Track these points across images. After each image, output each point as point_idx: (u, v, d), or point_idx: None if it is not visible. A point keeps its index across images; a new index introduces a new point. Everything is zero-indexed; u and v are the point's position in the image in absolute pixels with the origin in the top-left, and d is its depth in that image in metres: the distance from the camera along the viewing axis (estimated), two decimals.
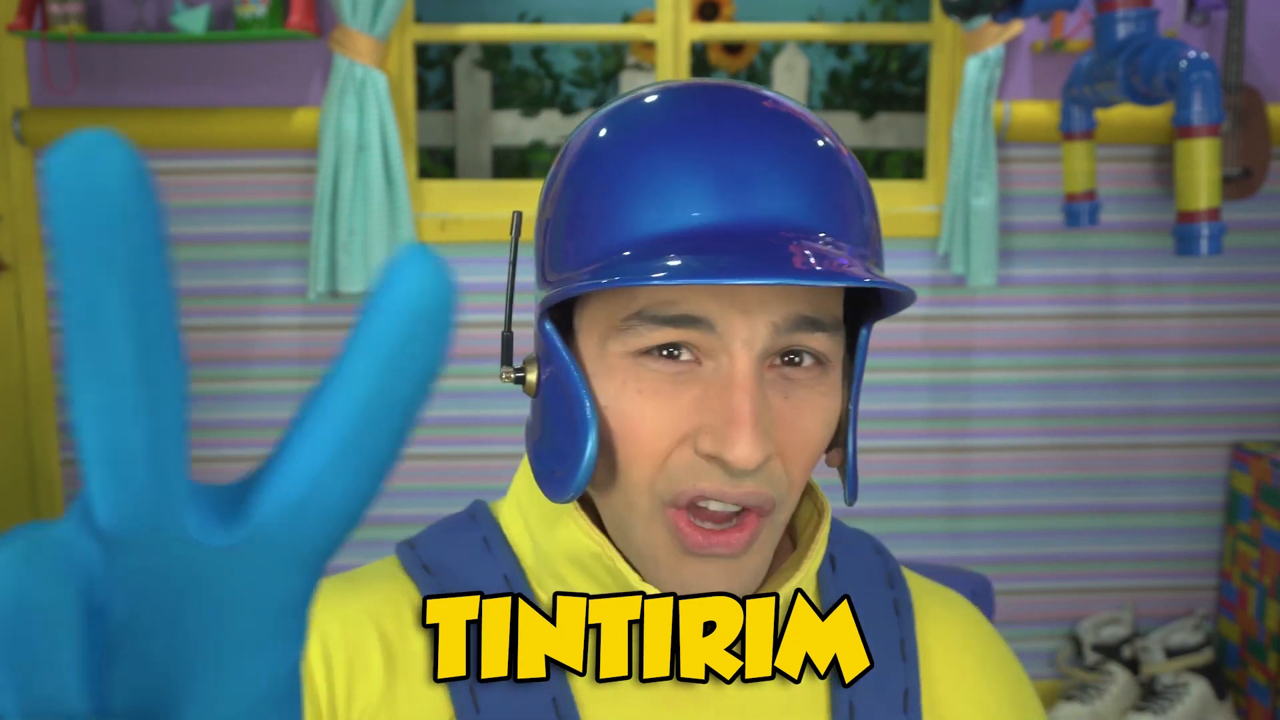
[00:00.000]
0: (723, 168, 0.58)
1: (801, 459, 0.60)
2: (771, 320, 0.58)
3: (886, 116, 3.81)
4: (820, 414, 0.61)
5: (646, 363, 0.59)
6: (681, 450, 0.59)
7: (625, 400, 0.60)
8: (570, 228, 0.62)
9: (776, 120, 0.61)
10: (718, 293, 0.58)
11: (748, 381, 0.57)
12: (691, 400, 0.59)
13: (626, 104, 0.64)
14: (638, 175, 0.59)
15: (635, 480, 0.60)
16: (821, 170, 0.60)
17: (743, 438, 0.56)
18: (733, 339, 0.58)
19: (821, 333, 0.59)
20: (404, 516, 2.73)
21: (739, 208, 0.58)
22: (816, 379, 0.61)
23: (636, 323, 0.59)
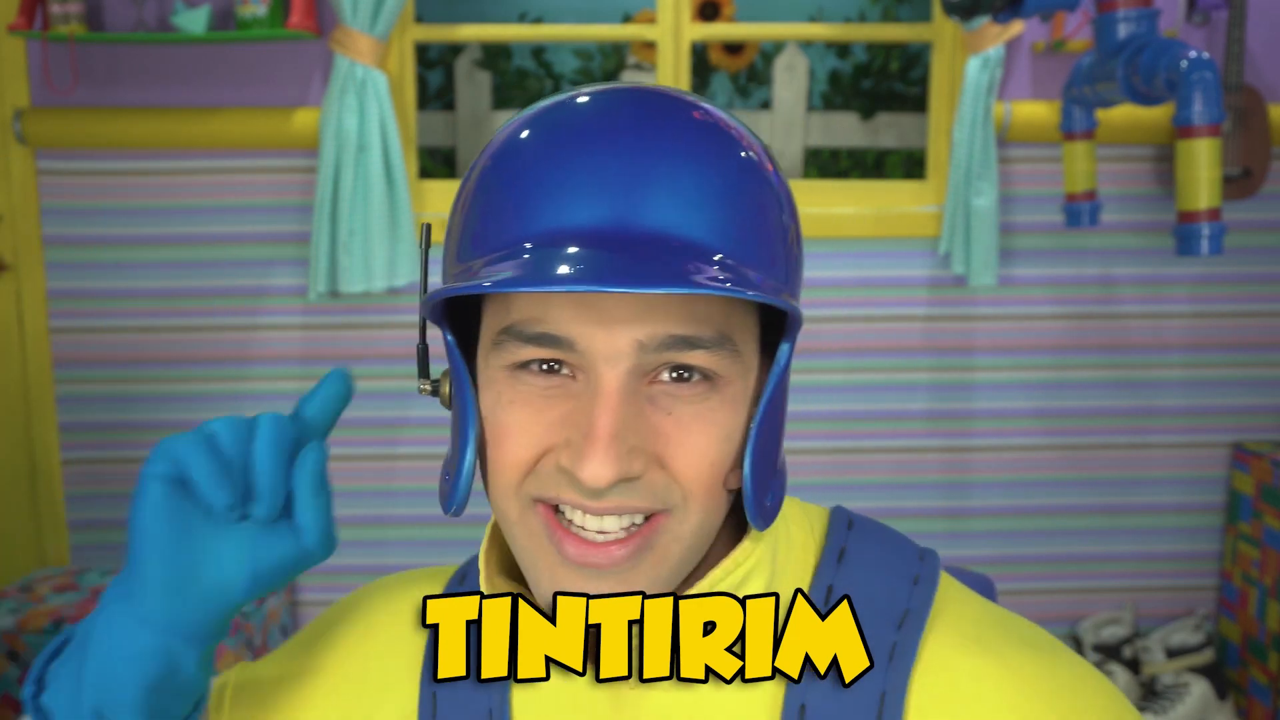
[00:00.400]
0: (620, 173, 0.57)
1: (692, 470, 0.59)
2: (635, 338, 0.57)
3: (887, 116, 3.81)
4: (709, 428, 0.59)
5: (522, 376, 0.59)
6: (546, 461, 0.59)
7: (500, 410, 0.60)
8: (468, 223, 0.61)
9: (695, 132, 0.59)
10: (582, 311, 0.57)
11: (609, 398, 0.57)
12: (560, 415, 0.59)
13: (551, 105, 0.62)
14: (540, 174, 0.58)
15: (502, 488, 0.61)
16: (730, 186, 0.58)
17: (594, 455, 0.56)
18: (595, 357, 0.57)
19: (700, 350, 0.58)
20: (404, 517, 2.73)
21: (627, 215, 0.56)
22: (704, 395, 0.59)
23: (506, 339, 0.59)
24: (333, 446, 2.71)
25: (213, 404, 2.68)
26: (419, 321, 0.65)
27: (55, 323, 2.65)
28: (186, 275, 2.64)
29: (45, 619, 2.32)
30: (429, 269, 2.65)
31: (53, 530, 2.72)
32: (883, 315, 2.69)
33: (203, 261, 2.64)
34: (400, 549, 2.74)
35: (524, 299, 0.58)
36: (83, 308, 2.64)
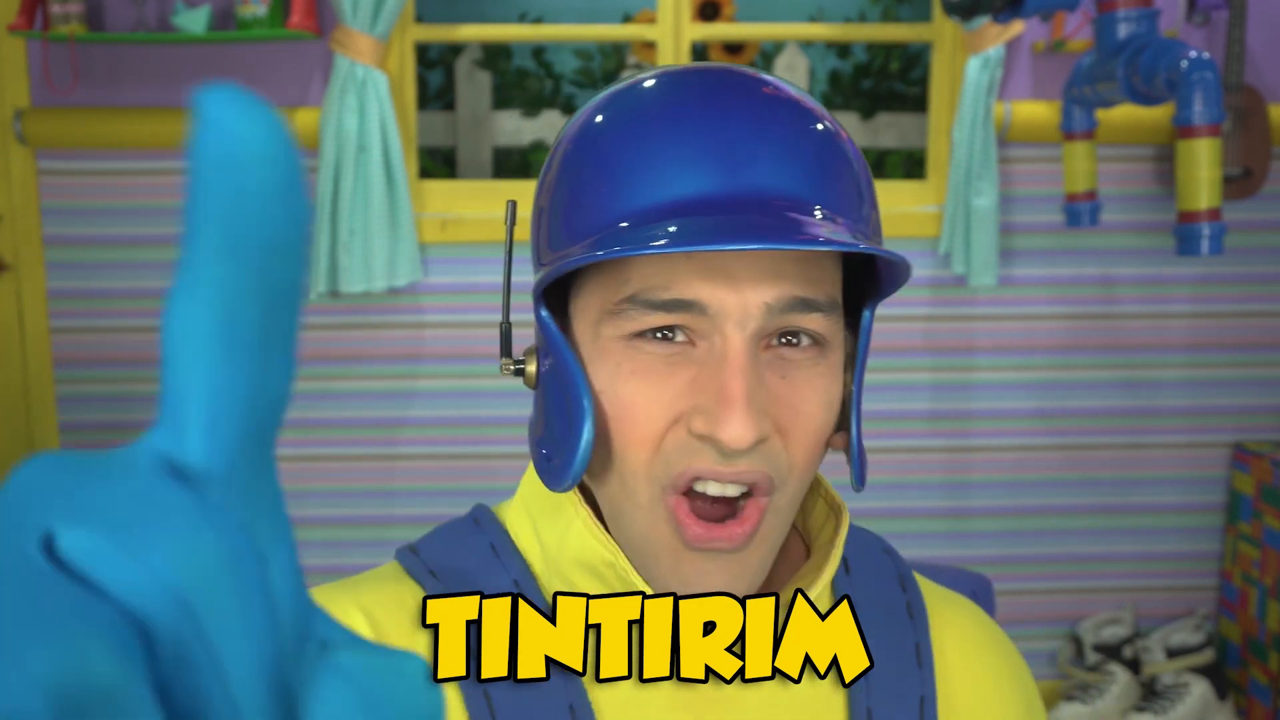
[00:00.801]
0: (716, 141, 0.58)
1: (803, 438, 0.59)
2: (763, 300, 0.57)
3: (887, 116, 3.81)
4: (819, 394, 0.60)
5: (641, 345, 0.59)
6: (676, 431, 0.59)
7: (620, 383, 0.59)
8: (564, 209, 0.61)
9: (775, 101, 0.60)
10: (709, 275, 0.57)
11: (740, 361, 0.57)
12: (685, 381, 0.58)
13: (623, 88, 0.63)
14: (630, 152, 0.59)
15: (632, 465, 0.60)
16: (819, 148, 0.59)
17: (734, 416, 0.55)
18: (725, 320, 0.57)
19: (817, 313, 0.59)
20: (404, 517, 2.73)
21: (733, 180, 0.57)
22: (815, 360, 0.60)
23: (629, 307, 0.58)
24: (333, 446, 2.71)
25: None
26: (503, 301, 0.66)
27: (55, 323, 2.65)
28: None
29: None
30: (428, 265, 2.64)
31: None
32: (883, 315, 2.69)
33: None
34: None
35: (645, 267, 0.58)
36: (83, 308, 2.65)
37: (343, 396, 2.69)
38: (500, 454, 2.71)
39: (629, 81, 0.64)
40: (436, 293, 2.66)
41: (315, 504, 2.72)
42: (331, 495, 2.72)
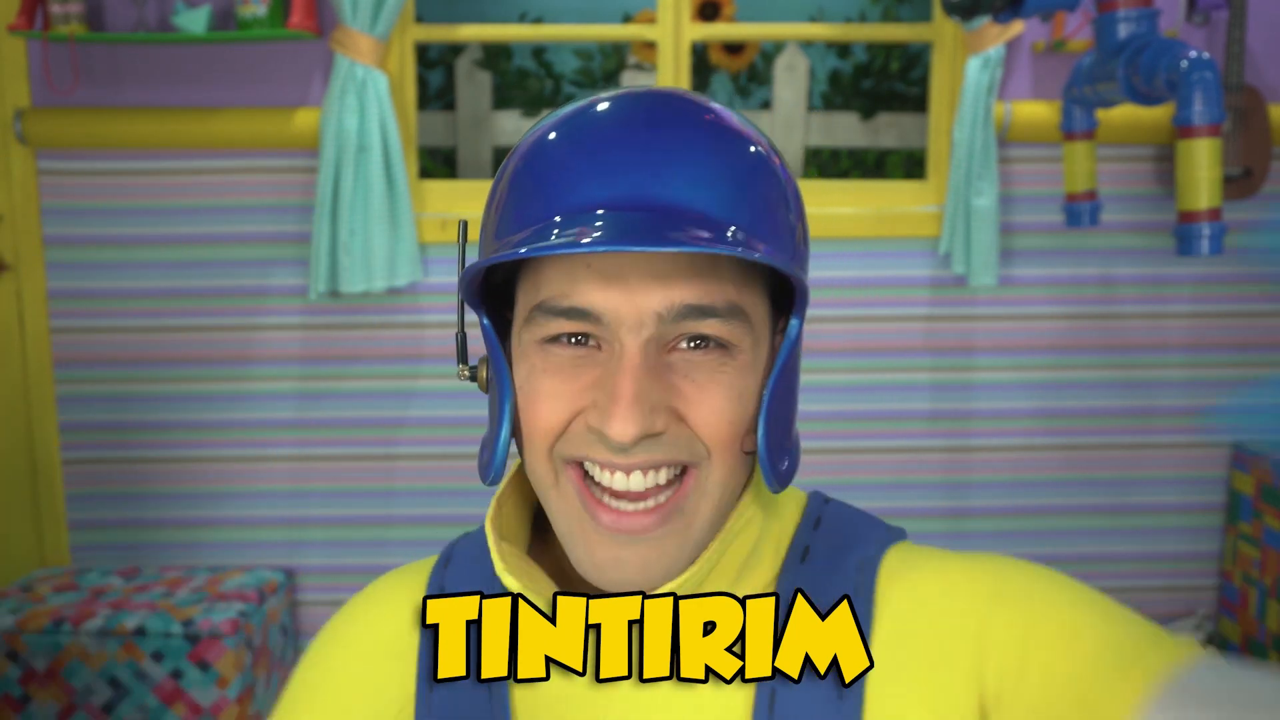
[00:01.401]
0: (638, 154, 0.62)
1: (710, 424, 0.63)
2: (654, 309, 0.61)
3: (887, 116, 3.81)
4: (725, 390, 0.64)
5: (553, 349, 0.64)
6: (576, 423, 0.64)
7: (533, 380, 0.64)
8: (499, 213, 0.66)
9: (710, 126, 0.64)
10: (604, 283, 0.61)
11: (631, 362, 0.61)
12: (589, 381, 0.63)
13: (574, 107, 0.67)
14: (560, 161, 0.63)
15: (537, 449, 0.65)
16: (741, 172, 0.63)
17: (617, 412, 0.60)
18: (619, 326, 0.62)
19: (713, 319, 0.63)
20: (404, 517, 2.73)
21: (643, 190, 0.61)
22: (719, 360, 0.64)
23: (538, 314, 0.64)
24: (332, 446, 2.71)
25: (213, 404, 2.68)
26: (457, 310, 0.73)
27: (55, 323, 2.65)
28: (186, 275, 2.64)
29: (45, 619, 2.32)
30: (428, 265, 2.64)
31: (53, 530, 2.72)
32: (883, 315, 2.69)
33: (203, 261, 2.64)
34: (400, 549, 2.74)
35: (553, 276, 0.63)
36: (83, 308, 2.64)
37: (343, 396, 2.69)
38: None
39: (581, 103, 0.67)
40: (436, 293, 2.66)
41: (315, 504, 2.72)
42: (331, 495, 2.72)
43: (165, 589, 2.48)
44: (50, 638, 2.30)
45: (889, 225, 2.65)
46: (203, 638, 2.30)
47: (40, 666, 2.32)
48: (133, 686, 2.32)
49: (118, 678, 2.31)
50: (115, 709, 2.33)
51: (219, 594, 2.45)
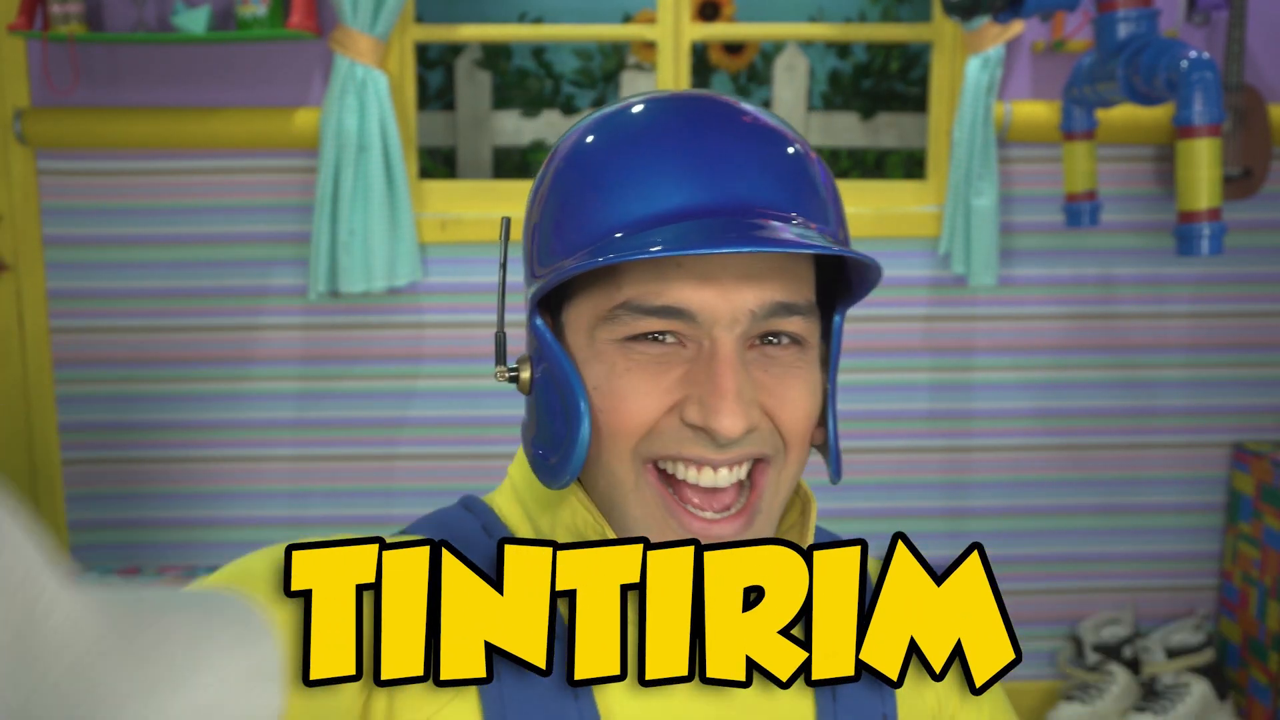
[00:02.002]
0: (699, 158, 0.62)
1: (793, 419, 0.64)
2: (749, 308, 0.62)
3: (887, 116, 3.81)
4: (803, 383, 0.65)
5: (634, 346, 0.63)
6: (668, 419, 0.62)
7: (614, 379, 0.63)
8: (556, 224, 0.65)
9: (753, 125, 0.65)
10: (698, 282, 0.61)
11: (730, 358, 0.61)
12: (678, 376, 0.62)
13: (612, 111, 0.68)
14: (619, 169, 0.63)
15: (619, 449, 0.63)
16: (793, 165, 0.65)
17: (726, 407, 0.59)
18: (714, 324, 0.62)
19: (797, 316, 0.64)
20: (404, 516, 2.72)
21: (715, 192, 0.61)
22: (796, 356, 0.65)
23: (622, 312, 0.62)
24: (332, 446, 2.71)
25: (213, 404, 2.68)
26: (498, 310, 0.70)
27: (55, 323, 2.65)
28: (186, 275, 2.64)
29: None
30: (428, 265, 2.64)
31: (53, 530, 2.72)
32: (883, 315, 2.69)
33: (203, 261, 2.64)
34: None
35: (640, 277, 0.62)
36: (83, 308, 2.64)
37: (343, 396, 2.68)
38: (500, 454, 2.70)
39: (617, 105, 0.68)
40: (436, 293, 2.66)
41: (315, 504, 2.72)
42: (331, 495, 2.72)
43: None
44: None
45: (889, 225, 2.65)
46: None
47: None
48: None
49: None
50: None
51: None
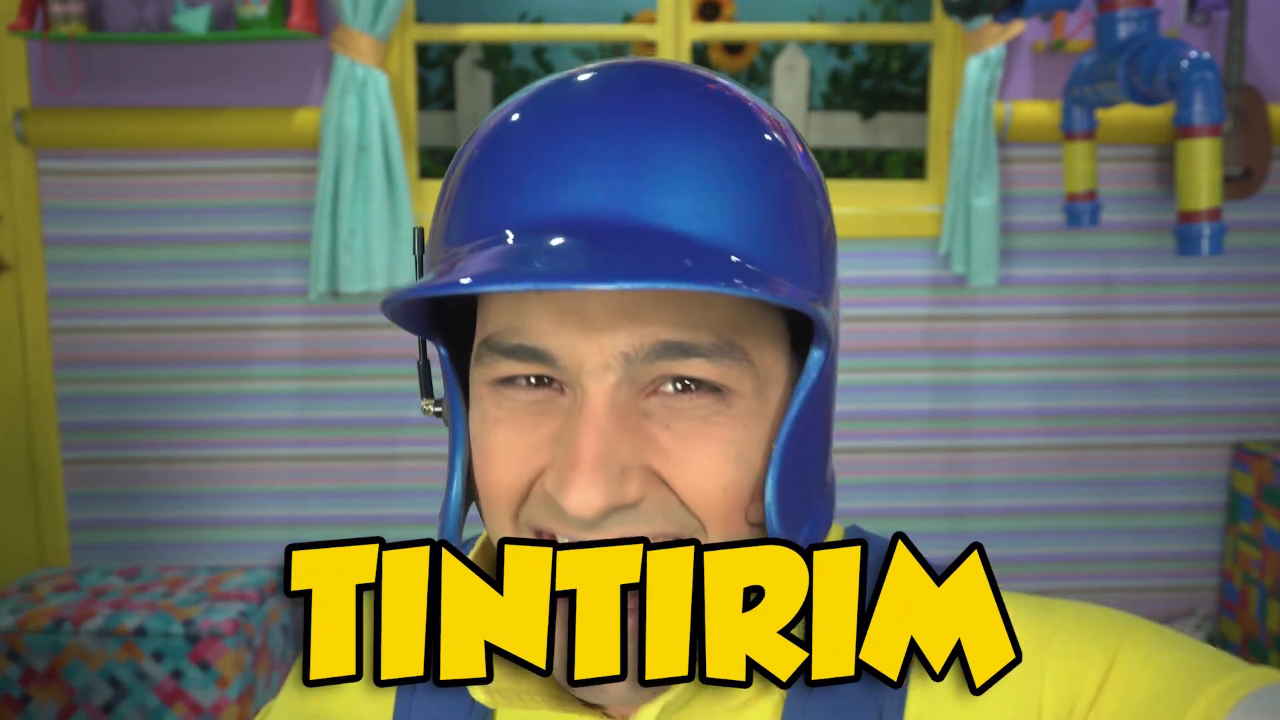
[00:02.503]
0: (617, 151, 0.49)
1: (702, 491, 0.51)
2: (619, 349, 0.49)
3: (887, 116, 3.81)
4: (715, 446, 0.51)
5: (507, 391, 0.52)
6: (538, 486, 0.52)
7: (486, 431, 0.52)
8: (442, 216, 0.54)
9: (711, 105, 0.51)
10: (560, 318, 0.49)
11: (596, 415, 0.49)
12: (549, 432, 0.51)
13: (548, 80, 0.55)
14: (516, 154, 0.51)
15: (498, 517, 0.53)
16: (750, 166, 0.50)
17: (577, 482, 0.48)
18: (578, 370, 0.50)
19: (699, 358, 0.50)
20: (404, 516, 2.73)
21: (619, 202, 0.48)
22: (709, 408, 0.51)
23: (485, 352, 0.52)
24: (333, 446, 2.71)
25: (213, 404, 2.68)
26: (419, 336, 0.57)
27: (55, 323, 2.65)
28: (187, 275, 2.64)
29: (45, 619, 2.32)
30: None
31: (53, 530, 2.71)
32: (883, 315, 2.69)
33: (203, 261, 2.64)
34: None
35: (500, 307, 0.51)
36: (83, 308, 2.64)
37: (343, 396, 2.68)
38: None
39: (558, 76, 0.55)
40: None
41: (315, 504, 2.72)
42: (331, 495, 2.72)
43: (165, 589, 2.48)
44: (50, 638, 2.30)
45: (889, 225, 2.65)
46: (203, 638, 2.30)
47: (40, 666, 2.31)
48: (133, 686, 2.32)
49: (118, 678, 2.31)
50: (115, 709, 2.33)
51: (219, 594, 2.45)
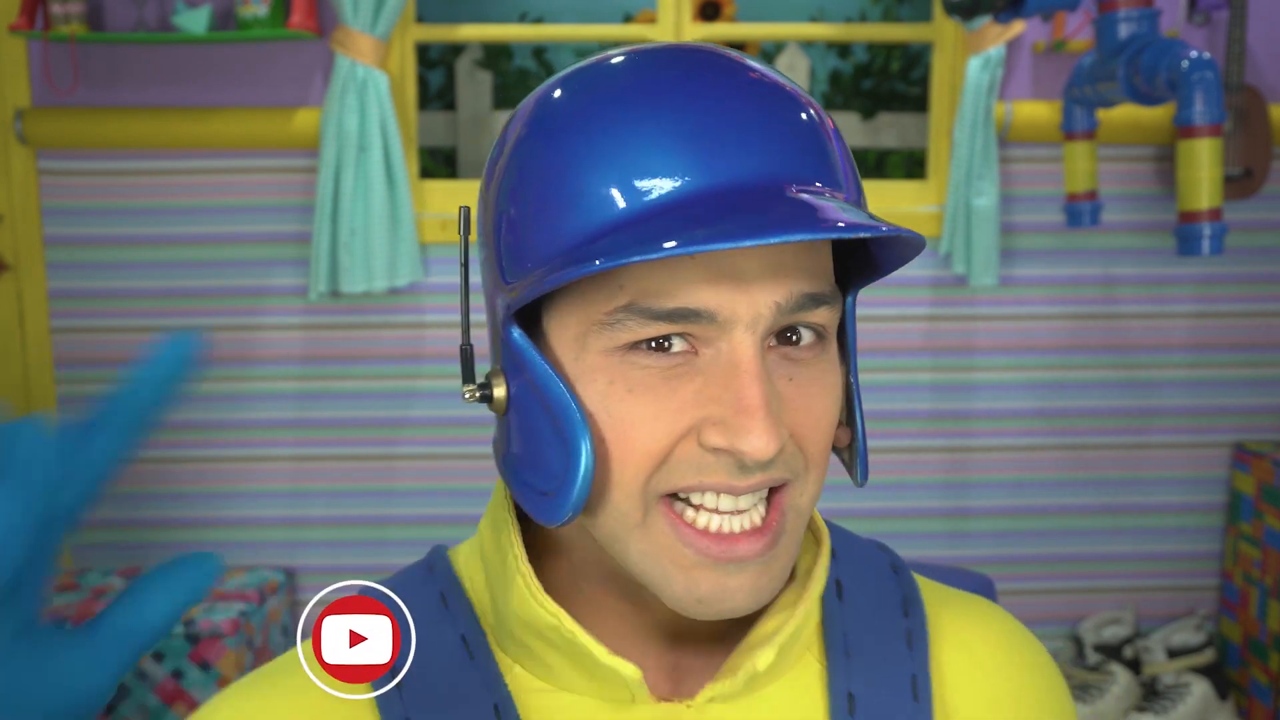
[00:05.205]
0: (704, 122, 0.52)
1: (816, 439, 0.55)
2: (775, 300, 0.52)
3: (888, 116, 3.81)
4: (827, 391, 0.55)
5: (634, 359, 0.53)
6: (684, 446, 0.53)
7: (614, 402, 0.53)
8: (532, 213, 0.54)
9: (760, 81, 0.54)
10: (715, 277, 0.51)
11: (754, 367, 0.52)
12: (691, 393, 0.53)
13: (587, 67, 0.57)
14: (606, 139, 0.52)
15: (627, 487, 0.54)
16: (811, 128, 0.54)
17: (756, 427, 0.50)
18: (734, 325, 0.52)
19: (824, 307, 0.54)
20: (404, 516, 2.73)
21: (730, 165, 0.52)
22: (817, 356, 0.55)
23: (625, 317, 0.52)
24: (332, 446, 2.71)
25: (213, 404, 2.68)
26: (462, 318, 0.58)
27: (56, 323, 2.65)
28: (187, 275, 2.64)
29: (45, 619, 2.31)
30: (428, 265, 2.64)
31: None
32: (884, 315, 2.69)
33: (203, 261, 2.64)
34: (400, 549, 2.74)
35: (643, 273, 0.52)
36: (83, 308, 2.64)
37: (343, 396, 2.68)
38: None
39: (593, 60, 0.57)
40: (436, 293, 2.66)
41: (315, 504, 2.72)
42: (331, 495, 2.72)
43: None
44: None
45: None
46: (203, 638, 2.30)
47: None
48: (133, 686, 2.31)
49: None
50: (115, 709, 2.33)
51: (219, 594, 2.45)
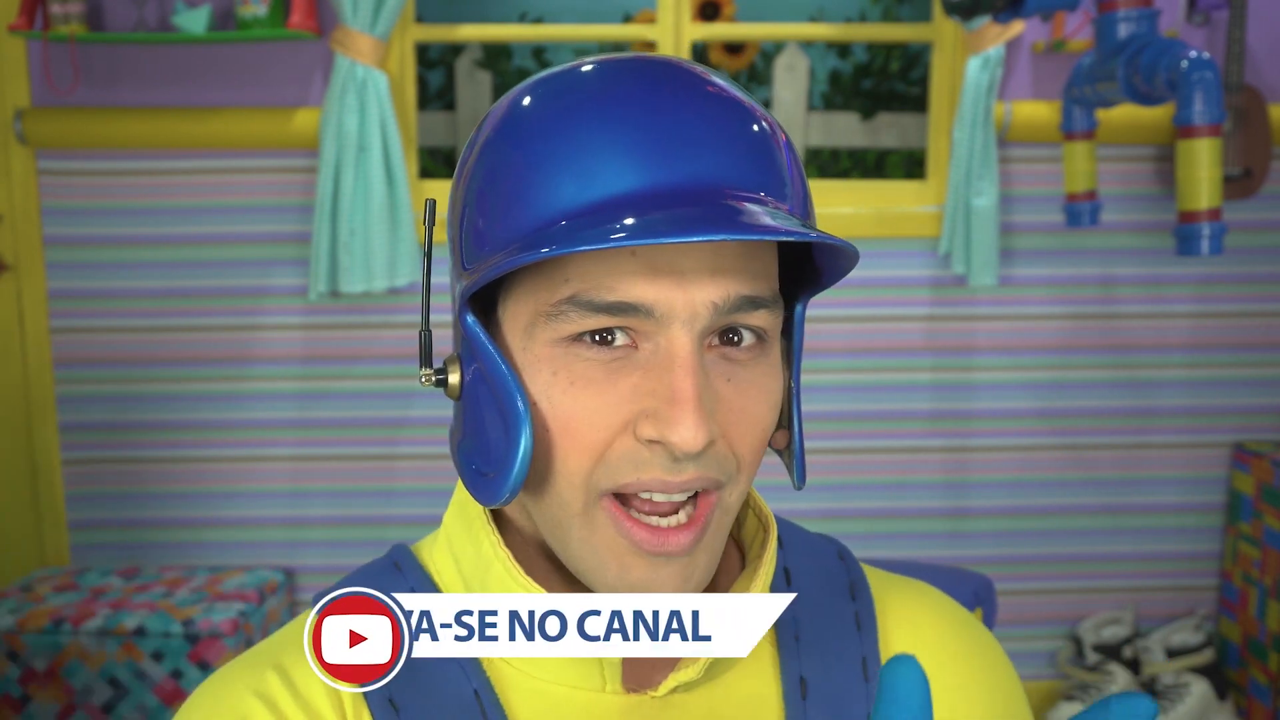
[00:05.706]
0: (657, 131, 0.55)
1: (748, 441, 0.57)
2: (712, 300, 0.55)
3: (887, 116, 3.81)
4: (764, 394, 0.58)
5: (578, 351, 0.56)
6: (622, 440, 0.56)
7: (557, 393, 0.56)
8: (490, 207, 0.57)
9: (717, 94, 0.57)
10: (655, 273, 0.54)
11: (689, 361, 0.54)
12: (629, 388, 0.55)
13: (553, 74, 0.60)
14: (564, 143, 0.55)
15: (570, 477, 0.57)
16: (760, 141, 0.57)
17: (686, 418, 0.53)
18: (672, 320, 0.55)
19: (762, 310, 0.57)
20: (404, 516, 2.73)
21: (676, 171, 0.54)
22: (757, 358, 0.58)
23: (568, 308, 0.55)
24: (332, 446, 2.71)
25: (213, 404, 2.68)
26: (423, 304, 0.60)
27: (55, 323, 2.65)
28: (186, 275, 2.64)
29: (45, 619, 2.32)
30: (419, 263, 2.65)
31: (53, 530, 2.71)
32: (883, 315, 2.69)
33: (203, 261, 2.64)
34: None
35: (587, 266, 0.55)
36: (83, 308, 2.64)
37: (343, 396, 2.68)
38: None
39: (561, 69, 0.60)
40: (437, 292, 2.66)
41: (315, 504, 2.72)
42: (331, 495, 2.72)
43: (165, 589, 2.48)
44: (50, 638, 2.30)
45: (889, 225, 2.65)
46: (203, 638, 2.30)
47: (40, 666, 2.31)
48: (133, 686, 2.32)
49: (118, 678, 2.31)
50: (115, 709, 2.33)
51: (219, 594, 2.45)
